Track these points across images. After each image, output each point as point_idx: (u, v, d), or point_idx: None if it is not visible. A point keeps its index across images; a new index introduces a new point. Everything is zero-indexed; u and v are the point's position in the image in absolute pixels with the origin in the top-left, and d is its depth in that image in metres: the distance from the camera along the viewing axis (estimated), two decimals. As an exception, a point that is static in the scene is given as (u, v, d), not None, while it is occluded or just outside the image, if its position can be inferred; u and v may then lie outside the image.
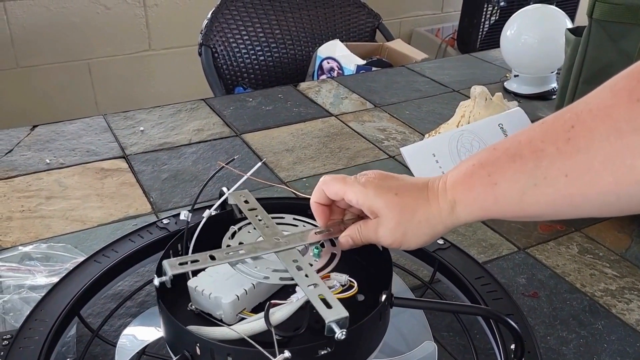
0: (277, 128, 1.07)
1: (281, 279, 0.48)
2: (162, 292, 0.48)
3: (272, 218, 0.55)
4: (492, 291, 0.57)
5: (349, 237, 0.52)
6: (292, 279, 0.47)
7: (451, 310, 0.61)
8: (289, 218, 0.57)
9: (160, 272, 0.50)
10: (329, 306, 0.44)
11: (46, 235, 0.76)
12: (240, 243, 0.52)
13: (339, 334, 0.43)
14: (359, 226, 0.52)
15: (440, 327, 0.62)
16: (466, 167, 0.48)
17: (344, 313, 0.43)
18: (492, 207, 0.46)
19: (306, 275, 0.47)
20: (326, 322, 0.43)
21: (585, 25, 0.81)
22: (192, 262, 0.47)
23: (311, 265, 0.49)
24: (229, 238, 0.53)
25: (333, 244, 0.53)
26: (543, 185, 0.42)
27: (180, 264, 0.47)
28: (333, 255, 0.51)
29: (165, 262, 0.47)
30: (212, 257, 0.48)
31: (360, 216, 0.53)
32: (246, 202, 0.57)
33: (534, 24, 1.19)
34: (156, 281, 0.47)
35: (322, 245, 0.52)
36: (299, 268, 0.48)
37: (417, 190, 0.50)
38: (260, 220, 0.55)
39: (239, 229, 0.54)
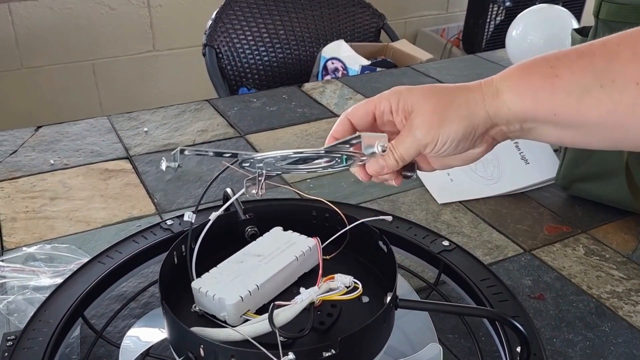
0: (282, 129, 1.07)
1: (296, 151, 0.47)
2: (166, 293, 0.48)
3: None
4: (497, 293, 0.57)
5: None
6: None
7: (456, 312, 0.60)
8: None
9: (163, 275, 0.50)
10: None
11: (50, 236, 0.76)
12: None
13: (379, 147, 0.43)
14: (390, 143, 0.48)
15: (445, 329, 0.61)
16: (525, 61, 0.45)
17: (383, 135, 0.44)
18: (546, 101, 0.42)
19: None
20: (364, 144, 0.43)
21: (591, 25, 0.81)
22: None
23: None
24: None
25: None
26: (610, 88, 0.39)
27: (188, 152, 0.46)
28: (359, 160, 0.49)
29: (177, 149, 0.46)
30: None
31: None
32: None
33: (540, 24, 1.18)
34: (163, 165, 0.46)
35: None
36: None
37: (454, 86, 0.48)
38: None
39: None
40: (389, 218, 0.60)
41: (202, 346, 0.43)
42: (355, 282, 0.48)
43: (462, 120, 0.46)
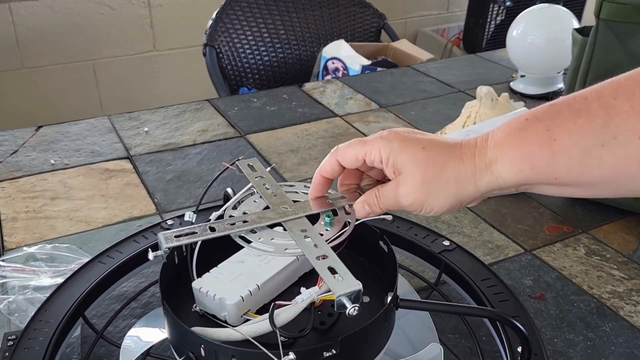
0: (282, 129, 1.07)
1: (287, 250, 0.44)
2: (167, 293, 0.48)
3: (281, 186, 0.52)
4: (498, 293, 0.57)
5: (365, 202, 0.48)
6: (300, 251, 0.44)
7: (457, 312, 0.60)
8: (299, 186, 0.53)
9: (163, 275, 0.50)
10: (339, 279, 0.40)
11: (51, 236, 0.76)
12: (244, 213, 0.49)
13: (351, 309, 0.39)
14: (376, 190, 0.47)
15: (446, 329, 0.61)
16: (517, 122, 0.42)
17: (357, 285, 0.39)
18: (545, 167, 0.40)
19: (315, 246, 0.44)
20: (335, 295, 0.39)
21: (592, 25, 0.81)
22: (189, 234, 0.44)
23: (321, 235, 0.46)
24: (232, 208, 0.49)
25: (347, 213, 0.50)
26: (612, 145, 0.37)
27: (177, 236, 0.44)
28: (347, 224, 0.48)
29: (160, 234, 0.44)
30: (212, 229, 0.45)
31: (380, 181, 0.49)
32: (253, 169, 0.54)
33: (541, 24, 1.18)
34: (150, 255, 0.45)
35: (335, 214, 0.49)
36: (307, 237, 0.44)
37: (448, 147, 0.45)
38: (267, 189, 0.51)
39: (242, 200, 0.51)
40: (389, 218, 0.60)
41: (202, 346, 0.43)
42: (356, 282, 0.48)
43: (448, 197, 0.44)
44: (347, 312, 0.39)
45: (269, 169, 0.59)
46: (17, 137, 1.02)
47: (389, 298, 0.47)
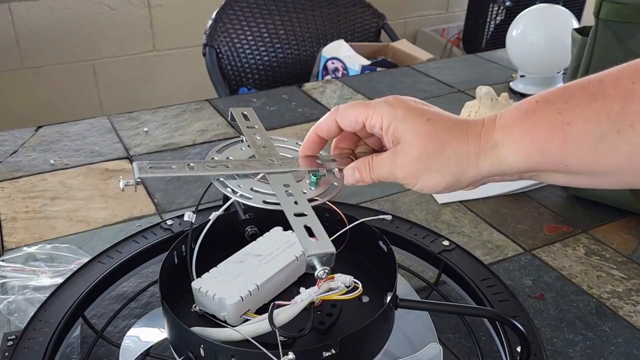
0: (282, 129, 1.07)
1: (265, 202, 0.42)
2: (166, 293, 0.48)
3: (273, 139, 0.49)
4: (497, 293, 0.57)
5: (355, 169, 0.45)
6: (278, 204, 0.41)
7: (457, 312, 0.60)
8: (291, 142, 0.50)
9: (163, 275, 0.50)
10: (313, 238, 0.38)
11: (50, 236, 0.76)
12: (228, 159, 0.47)
13: (321, 271, 0.37)
14: (370, 158, 0.45)
15: (445, 329, 0.61)
16: (527, 104, 0.40)
17: (330, 248, 0.37)
18: (555, 153, 0.38)
19: (295, 203, 0.41)
20: (306, 254, 0.37)
21: (592, 25, 0.81)
22: (166, 167, 0.42)
23: (304, 193, 0.43)
24: (217, 152, 0.48)
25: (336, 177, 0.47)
26: (629, 133, 0.35)
27: (152, 167, 0.42)
28: (333, 187, 0.46)
29: (135, 163, 0.42)
30: (191, 167, 0.43)
31: (376, 151, 0.47)
32: (247, 118, 0.52)
33: (540, 23, 1.18)
34: (121, 183, 0.43)
35: (323, 176, 0.46)
36: (289, 194, 0.42)
37: (454, 123, 0.42)
38: (258, 139, 0.49)
39: (229, 146, 0.49)
40: (389, 217, 0.60)
41: (202, 346, 0.43)
42: (355, 282, 0.48)
43: (446, 175, 0.42)
44: (316, 273, 0.38)
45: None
46: (17, 137, 1.02)
47: (389, 298, 0.47)
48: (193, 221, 0.55)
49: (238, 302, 0.46)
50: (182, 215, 0.60)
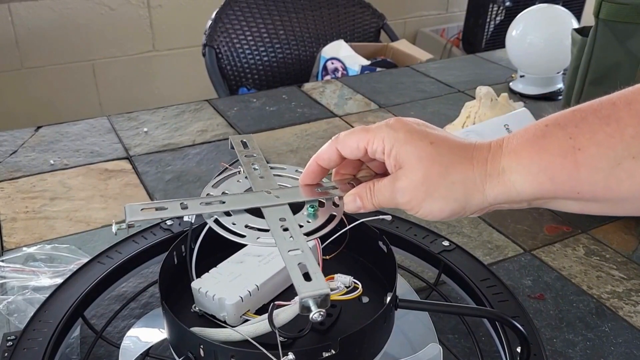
0: (281, 129, 1.07)
1: (258, 240, 0.41)
2: (166, 293, 0.48)
3: (272, 169, 0.48)
4: (497, 293, 0.57)
5: (356, 195, 0.44)
6: (273, 242, 0.40)
7: (456, 313, 0.60)
8: (290, 170, 0.49)
9: (163, 275, 0.50)
10: (308, 278, 0.36)
11: (50, 237, 0.76)
12: (224, 193, 0.45)
13: (316, 313, 0.35)
14: (371, 184, 0.43)
15: (445, 329, 0.61)
16: (536, 128, 0.38)
17: (324, 289, 0.35)
18: (567, 180, 0.36)
19: (291, 238, 0.40)
20: (299, 296, 0.35)
21: (591, 25, 0.81)
22: (158, 208, 0.41)
23: (301, 226, 0.42)
24: (212, 186, 0.47)
25: (336, 205, 0.46)
26: None
27: (143, 209, 0.41)
28: (332, 217, 0.44)
29: (126, 205, 0.41)
30: (185, 206, 0.42)
31: (379, 175, 0.45)
32: (245, 146, 0.50)
33: (540, 24, 1.18)
34: (114, 227, 0.42)
35: (322, 205, 0.45)
36: (284, 229, 0.41)
37: (458, 147, 0.41)
38: (255, 169, 0.48)
39: (226, 179, 0.48)
40: (389, 217, 0.60)
41: (202, 346, 0.43)
42: (355, 282, 0.48)
43: (450, 202, 0.40)
44: (310, 316, 0.36)
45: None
46: (16, 137, 1.02)
47: (388, 298, 0.47)
48: (193, 221, 0.55)
49: (238, 302, 0.46)
50: (182, 216, 0.60)
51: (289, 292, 0.50)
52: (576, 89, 0.86)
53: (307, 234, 0.42)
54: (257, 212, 0.45)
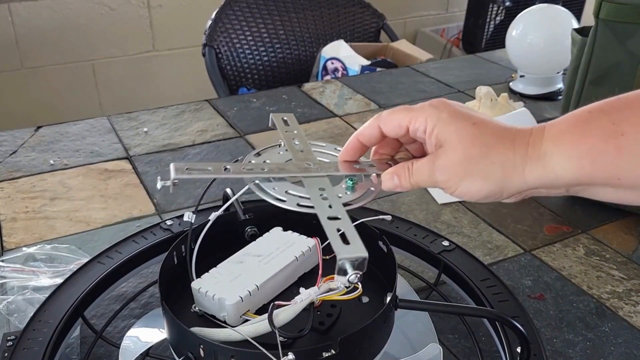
0: (281, 129, 1.07)
1: (299, 205, 0.42)
2: (166, 293, 0.48)
3: (311, 144, 0.50)
4: (497, 293, 0.57)
5: (394, 174, 0.44)
6: (312, 207, 0.41)
7: (456, 313, 0.60)
8: (329, 148, 0.50)
9: (163, 275, 0.50)
10: (346, 242, 0.38)
11: (50, 237, 0.76)
12: (265, 162, 0.47)
13: (352, 275, 0.36)
14: (410, 163, 0.43)
15: (445, 329, 0.61)
16: (579, 114, 0.38)
17: (363, 253, 0.37)
18: (607, 166, 0.36)
19: (330, 207, 0.41)
20: (338, 258, 0.36)
21: (591, 25, 0.81)
22: (201, 169, 0.43)
23: (339, 197, 0.43)
24: (254, 155, 0.48)
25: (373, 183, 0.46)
26: None
27: (188, 169, 0.43)
28: (370, 192, 0.45)
29: (172, 164, 0.43)
30: (227, 169, 0.43)
31: (418, 157, 0.45)
32: (286, 123, 0.52)
33: (540, 24, 1.18)
34: (159, 184, 0.43)
35: (360, 180, 0.46)
36: (323, 198, 0.42)
37: (501, 129, 0.41)
38: (296, 144, 0.49)
39: (267, 149, 0.49)
40: (388, 217, 0.60)
41: (202, 346, 0.43)
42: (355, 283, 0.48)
43: (488, 182, 0.40)
44: (347, 278, 0.37)
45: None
46: (16, 137, 1.02)
47: (388, 298, 0.47)
48: (193, 221, 0.55)
49: (238, 302, 0.46)
50: (182, 216, 0.60)
51: (289, 292, 0.50)
52: (576, 89, 0.86)
53: (345, 205, 0.43)
54: (296, 183, 0.46)
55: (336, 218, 0.40)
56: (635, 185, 0.37)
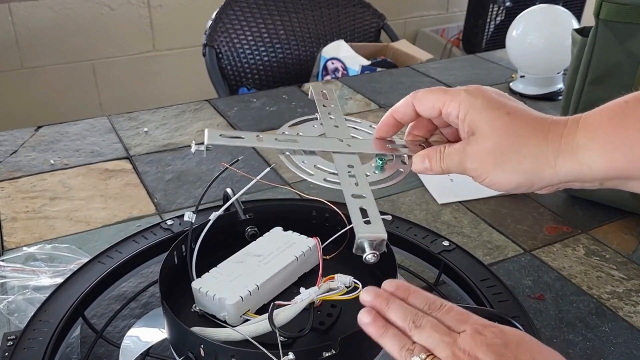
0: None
1: (325, 180, 0.42)
2: (166, 293, 0.48)
3: (346, 120, 0.49)
4: (497, 293, 0.57)
5: (426, 157, 0.44)
6: (338, 183, 0.42)
7: (456, 312, 0.60)
8: (365, 124, 0.50)
9: (163, 275, 0.50)
10: (367, 222, 0.38)
11: (50, 236, 0.76)
12: (299, 134, 0.47)
13: (369, 254, 0.37)
14: (442, 147, 0.43)
15: (445, 329, 0.61)
16: (615, 105, 0.37)
17: (382, 233, 0.37)
18: None
19: (356, 184, 0.41)
20: (357, 236, 0.37)
21: (591, 25, 0.81)
22: (235, 137, 0.43)
23: (367, 175, 0.43)
24: (289, 127, 0.48)
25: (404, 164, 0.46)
26: None
27: (222, 135, 0.43)
28: (398, 173, 0.45)
29: (206, 130, 0.43)
30: (260, 138, 0.43)
31: (452, 142, 0.45)
32: (325, 97, 0.52)
33: (540, 24, 1.18)
34: (193, 147, 0.43)
35: (390, 161, 0.46)
36: (350, 175, 0.42)
37: (535, 119, 0.40)
38: (331, 119, 0.49)
39: (302, 122, 0.49)
40: (388, 217, 0.60)
41: (202, 346, 0.43)
42: (355, 282, 0.48)
43: (518, 174, 0.40)
44: (364, 256, 0.37)
45: (267, 170, 0.59)
46: (16, 137, 1.02)
47: (389, 298, 0.47)
48: (193, 221, 0.55)
49: (238, 302, 0.46)
50: (182, 216, 0.60)
51: (289, 292, 0.50)
52: (576, 89, 0.86)
53: (372, 184, 0.43)
54: (326, 158, 0.46)
55: (361, 196, 0.40)
56: None
